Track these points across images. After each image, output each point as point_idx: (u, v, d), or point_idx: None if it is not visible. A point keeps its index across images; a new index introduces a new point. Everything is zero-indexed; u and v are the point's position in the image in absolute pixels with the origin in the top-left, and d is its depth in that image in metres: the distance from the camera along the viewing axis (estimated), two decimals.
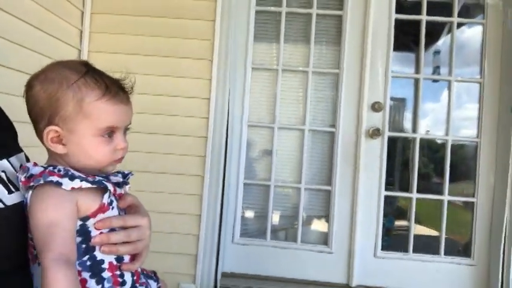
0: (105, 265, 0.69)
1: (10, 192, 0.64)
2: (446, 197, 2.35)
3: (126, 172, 0.79)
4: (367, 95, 2.37)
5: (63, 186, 0.64)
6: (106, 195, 0.70)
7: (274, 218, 2.43)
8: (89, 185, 0.67)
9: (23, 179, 0.66)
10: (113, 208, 0.71)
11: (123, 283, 0.71)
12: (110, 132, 0.72)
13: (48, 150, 0.73)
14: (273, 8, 2.48)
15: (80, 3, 2.21)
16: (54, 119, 0.69)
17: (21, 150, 0.75)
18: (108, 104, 0.70)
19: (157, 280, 0.83)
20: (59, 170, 0.67)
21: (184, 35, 2.24)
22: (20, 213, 0.65)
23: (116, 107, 0.71)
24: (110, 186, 0.71)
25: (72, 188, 0.65)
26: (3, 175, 0.65)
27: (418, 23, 2.41)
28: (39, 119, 0.70)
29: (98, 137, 0.70)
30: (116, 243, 0.70)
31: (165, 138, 2.19)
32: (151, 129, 2.16)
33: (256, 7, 2.44)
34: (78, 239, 0.67)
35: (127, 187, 0.78)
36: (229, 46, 2.26)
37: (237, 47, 2.36)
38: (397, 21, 2.40)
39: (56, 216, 0.63)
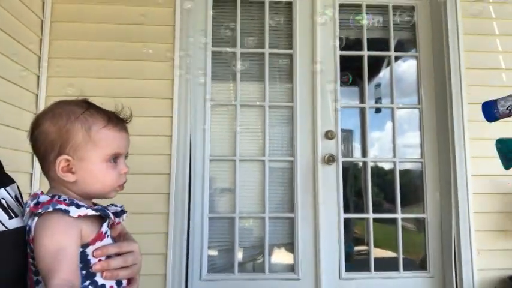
0: None
1: (10, 217, 0.67)
2: (399, 215, 2.52)
3: (119, 206, 0.85)
4: (320, 124, 2.52)
5: (70, 214, 0.69)
6: (105, 224, 0.75)
7: (241, 250, 2.45)
8: (94, 212, 0.72)
9: (32, 205, 0.70)
10: (108, 236, 0.76)
11: None
12: (115, 158, 0.79)
13: (52, 181, 0.78)
14: (228, 49, 2.61)
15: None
16: (65, 149, 0.74)
17: (14, 181, 0.78)
18: (112, 131, 0.79)
19: None
20: (64, 200, 0.71)
21: (146, 75, 2.31)
22: (20, 238, 0.67)
23: (119, 134, 0.80)
24: (111, 215, 0.77)
25: (79, 216, 0.69)
26: (3, 201, 0.68)
27: (360, 58, 2.64)
28: (49, 151, 0.75)
29: (106, 162, 0.77)
30: (115, 269, 0.75)
31: (130, 177, 2.17)
32: None
33: (212, 48, 2.56)
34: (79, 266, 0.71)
35: (124, 215, 0.84)
36: (189, 85, 2.35)
37: (196, 85, 2.45)
38: (341, 57, 2.62)
39: (63, 242, 0.67)
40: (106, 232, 0.76)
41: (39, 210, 0.68)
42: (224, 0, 2.64)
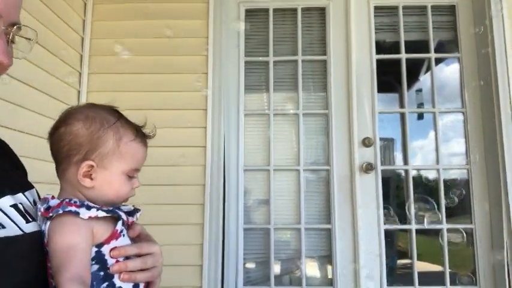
0: None
1: (27, 221, 0.66)
2: (444, 226, 2.37)
3: (131, 205, 0.83)
4: (357, 131, 2.44)
5: (80, 215, 0.68)
6: (119, 223, 0.73)
7: (277, 262, 2.39)
8: (104, 214, 0.71)
9: (42, 210, 0.69)
10: (124, 235, 0.74)
11: None
12: (132, 173, 0.79)
13: (65, 182, 0.76)
14: (261, 58, 2.60)
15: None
16: (92, 154, 0.73)
17: (33, 187, 0.78)
18: (138, 146, 0.78)
19: None
20: (75, 202, 0.70)
21: (180, 88, 2.32)
22: (37, 242, 0.67)
23: (142, 149, 0.80)
24: (123, 215, 0.75)
25: (89, 217, 0.68)
26: (20, 206, 0.67)
27: (398, 62, 2.54)
28: (74, 153, 0.73)
29: (125, 175, 0.77)
30: (133, 271, 0.72)
31: (165, 188, 2.20)
32: (153, 181, 2.17)
33: (245, 58, 2.56)
34: (95, 267, 0.69)
35: (138, 214, 0.81)
36: (222, 95, 2.35)
37: (229, 96, 2.45)
38: (378, 61, 2.53)
39: (73, 240, 0.66)
40: (122, 231, 0.74)
41: (50, 214, 0.68)
42: (256, 9, 2.63)
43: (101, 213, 0.70)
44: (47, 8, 2.00)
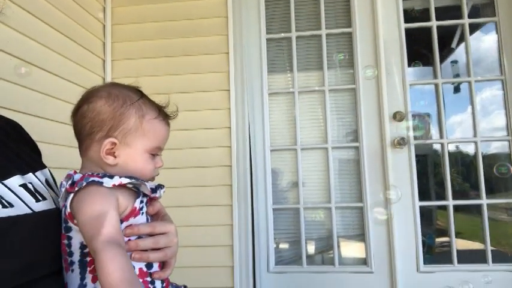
0: (136, 271, 0.69)
1: (37, 200, 0.66)
2: (484, 201, 2.25)
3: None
4: (387, 105, 2.34)
5: (104, 184, 0.67)
6: (138, 200, 0.72)
7: (308, 242, 2.35)
8: (128, 180, 0.69)
9: (67, 186, 0.68)
10: (142, 214, 0.73)
11: None
12: (155, 151, 0.77)
13: (87, 160, 0.75)
14: (283, 35, 2.53)
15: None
16: (115, 132, 0.73)
17: (45, 166, 0.78)
18: (161, 124, 0.78)
19: None
20: (98, 174, 0.70)
21: (202, 69, 2.30)
22: (48, 220, 0.66)
23: (165, 128, 0.79)
24: (147, 186, 0.73)
25: (113, 185, 0.68)
26: (30, 186, 0.66)
27: (429, 30, 2.41)
28: (97, 130, 0.73)
29: (148, 153, 0.76)
30: (145, 250, 0.70)
31: (193, 170, 2.19)
32: (180, 164, 2.18)
33: (266, 35, 2.50)
34: None
35: (162, 190, 0.78)
36: (244, 75, 2.31)
37: (252, 75, 2.40)
38: (407, 31, 2.40)
39: (103, 207, 0.65)
40: (141, 209, 0.72)
41: (76, 188, 0.67)
42: None
43: (125, 180, 0.68)
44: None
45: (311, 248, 2.36)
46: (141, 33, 2.37)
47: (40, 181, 0.70)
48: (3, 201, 0.58)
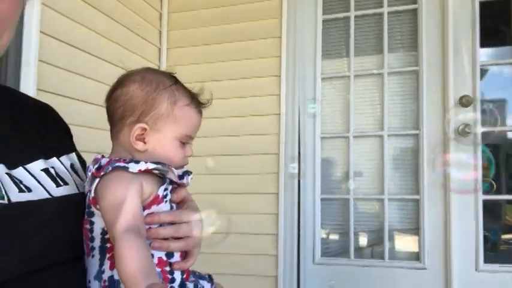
0: (155, 260, 0.68)
1: (58, 185, 0.66)
2: None
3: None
4: (453, 89, 2.12)
5: (129, 170, 0.66)
6: (162, 187, 0.70)
7: (357, 234, 2.28)
8: (154, 166, 0.68)
9: (94, 170, 0.68)
10: (166, 201, 0.71)
11: (172, 280, 0.69)
12: (185, 140, 0.76)
13: (117, 145, 0.75)
14: (341, 14, 2.39)
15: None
16: (146, 117, 0.72)
17: (73, 151, 0.78)
18: (193, 112, 0.76)
19: (211, 281, 0.80)
20: (124, 159, 0.69)
21: (253, 55, 2.27)
22: (69, 206, 0.66)
23: (197, 116, 0.77)
24: (175, 172, 0.71)
25: (139, 171, 0.66)
26: (52, 171, 0.67)
27: (507, 3, 2.10)
28: (128, 114, 0.73)
29: (178, 141, 0.74)
30: (166, 239, 0.69)
31: (239, 158, 2.22)
32: (228, 151, 2.22)
33: (323, 16, 2.37)
34: None
35: (189, 177, 0.77)
36: (297, 60, 2.24)
37: (305, 59, 2.31)
38: (482, 4, 2.12)
39: (124, 194, 0.64)
40: (165, 196, 0.71)
41: (102, 173, 0.67)
42: None
43: (151, 165, 0.67)
44: None
45: (360, 241, 2.29)
46: (196, 20, 2.38)
47: (64, 166, 0.71)
48: (21, 185, 0.59)
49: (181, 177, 0.75)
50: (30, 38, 1.47)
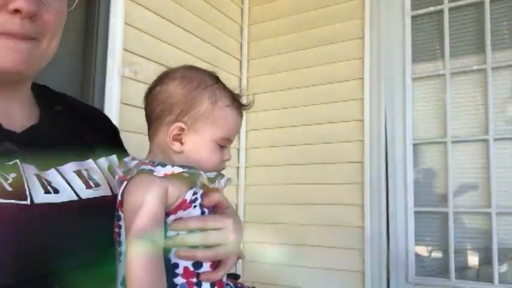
0: (179, 270, 0.63)
1: (89, 187, 0.64)
2: None
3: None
4: None
5: (155, 173, 0.63)
6: (190, 191, 0.66)
7: (459, 252, 1.99)
8: (181, 170, 0.64)
9: (121, 174, 0.66)
10: (195, 207, 0.66)
11: None
12: (223, 143, 0.72)
13: (154, 144, 0.72)
14: (432, 8, 2.17)
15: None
16: (184, 116, 0.69)
17: (115, 153, 0.76)
18: (233, 114, 0.72)
19: None
20: (153, 162, 0.66)
21: (334, 59, 2.19)
22: (93, 208, 0.63)
23: (237, 118, 0.73)
24: (204, 176, 0.66)
25: (165, 174, 0.63)
26: (85, 173, 0.66)
27: None
28: (167, 113, 0.69)
29: (215, 143, 0.70)
30: (196, 247, 0.64)
31: (319, 167, 2.12)
32: (307, 160, 2.15)
33: (411, 12, 2.18)
34: None
35: (222, 181, 0.72)
36: (381, 61, 2.09)
37: (391, 60, 2.13)
38: None
39: (145, 198, 0.61)
40: (194, 201, 0.66)
41: (129, 176, 0.64)
42: None
43: (178, 169, 0.63)
44: (205, 2, 2.17)
45: (462, 260, 1.99)
46: (276, 29, 2.38)
47: (100, 168, 0.70)
48: (49, 187, 0.58)
49: (212, 180, 0.69)
50: (113, 53, 1.59)
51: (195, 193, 0.66)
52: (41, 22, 0.59)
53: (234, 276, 0.88)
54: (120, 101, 1.60)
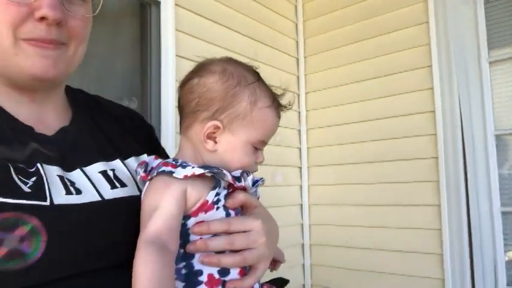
0: (203, 277, 0.58)
1: (114, 187, 0.62)
2: None
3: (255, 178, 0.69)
4: None
5: (174, 175, 0.59)
6: (212, 192, 0.61)
7: None
8: (202, 171, 0.59)
9: (142, 174, 0.63)
10: (218, 208, 0.61)
11: None
12: (258, 145, 0.68)
13: (186, 140, 0.68)
14: None
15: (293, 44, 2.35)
16: (221, 114, 0.64)
17: (146, 152, 0.73)
18: (272, 115, 0.67)
19: None
20: (176, 161, 0.62)
21: (397, 47, 2.02)
22: (121, 208, 0.61)
23: (275, 120, 0.68)
24: (229, 176, 0.61)
25: (185, 176, 0.58)
26: (110, 173, 0.64)
27: None
28: (203, 109, 0.65)
29: (250, 145, 0.66)
30: (221, 252, 0.59)
31: (390, 164, 1.96)
32: (374, 158, 2.00)
33: None
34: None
35: (249, 178, 0.65)
36: (451, 45, 1.88)
37: (463, 43, 1.91)
38: None
39: (160, 200, 0.58)
40: (217, 202, 0.61)
41: (149, 177, 0.62)
42: None
43: (198, 170, 0.59)
44: (262, 6, 2.14)
45: None
46: (332, 23, 2.27)
47: (127, 168, 0.68)
48: (71, 187, 0.57)
49: (238, 179, 0.63)
50: (167, 60, 1.60)
51: (217, 194, 0.61)
52: (68, 28, 0.60)
53: (280, 282, 0.80)
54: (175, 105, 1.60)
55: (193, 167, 0.59)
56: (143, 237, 0.55)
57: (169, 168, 0.60)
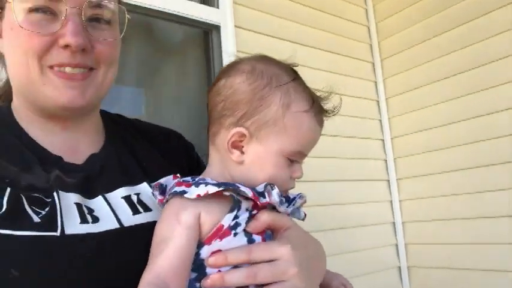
0: None
1: (136, 213, 0.58)
2: None
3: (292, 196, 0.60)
4: None
5: (186, 195, 0.52)
6: (229, 215, 0.52)
7: None
8: (216, 189, 0.51)
9: (159, 197, 0.57)
10: (236, 234, 0.52)
11: None
12: (294, 157, 0.58)
13: (214, 149, 0.61)
14: None
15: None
16: (248, 120, 0.56)
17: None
18: (310, 121, 0.58)
19: None
20: (193, 179, 0.55)
21: (487, 33, 1.76)
22: (140, 235, 0.56)
23: (315, 127, 0.59)
24: (250, 193, 0.52)
25: (198, 196, 0.51)
26: (134, 198, 0.61)
27: None
28: (228, 113, 0.57)
29: (283, 157, 0.57)
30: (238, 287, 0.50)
31: (489, 169, 1.67)
32: (473, 162, 1.74)
33: None
34: (193, 275, 0.51)
35: (275, 192, 0.54)
36: None
37: None
38: None
39: (168, 230, 0.51)
40: (234, 227, 0.52)
41: (164, 200, 0.56)
42: None
43: (212, 188, 0.51)
44: (332, 16, 2.08)
45: None
46: (407, 19, 2.09)
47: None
48: (89, 216, 0.55)
49: (261, 194, 0.53)
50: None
51: (236, 217, 0.52)
52: (95, 53, 0.60)
53: None
54: None
55: (206, 185, 0.51)
56: (145, 277, 0.48)
57: (181, 188, 0.52)
